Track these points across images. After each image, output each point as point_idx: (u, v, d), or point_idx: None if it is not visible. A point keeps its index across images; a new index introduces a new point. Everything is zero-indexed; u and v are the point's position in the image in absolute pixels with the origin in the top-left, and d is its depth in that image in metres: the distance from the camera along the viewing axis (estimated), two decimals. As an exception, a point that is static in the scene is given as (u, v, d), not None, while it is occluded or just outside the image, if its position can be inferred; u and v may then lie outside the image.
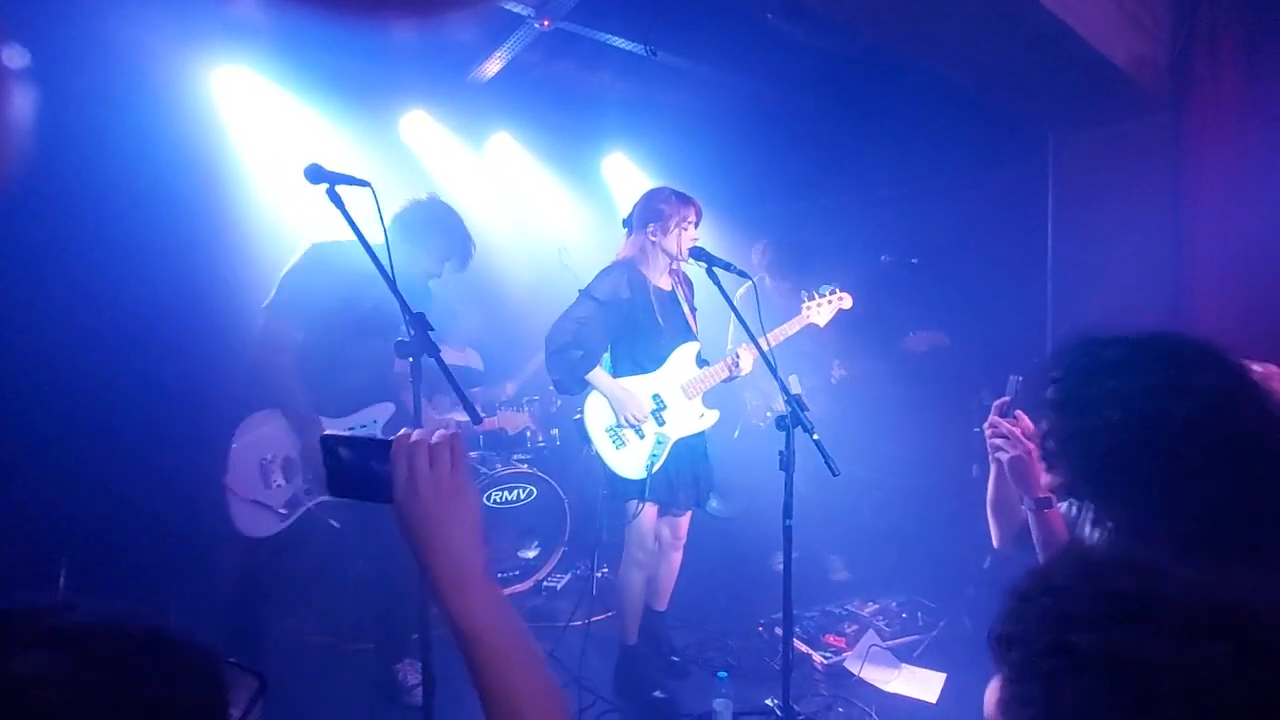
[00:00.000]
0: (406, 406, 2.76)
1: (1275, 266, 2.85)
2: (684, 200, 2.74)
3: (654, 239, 2.73)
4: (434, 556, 0.76)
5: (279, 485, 2.51)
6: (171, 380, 2.99)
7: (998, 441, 1.51)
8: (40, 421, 2.78)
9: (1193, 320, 3.05)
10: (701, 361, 2.86)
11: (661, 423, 2.78)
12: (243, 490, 2.44)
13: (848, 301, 3.00)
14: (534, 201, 4.94)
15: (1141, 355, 1.05)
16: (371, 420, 2.68)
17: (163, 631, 0.58)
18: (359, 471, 0.83)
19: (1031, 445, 1.49)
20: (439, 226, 2.74)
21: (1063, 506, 1.45)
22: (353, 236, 1.83)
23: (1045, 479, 1.24)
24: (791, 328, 2.93)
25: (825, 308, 2.97)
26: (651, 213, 2.75)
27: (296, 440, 2.52)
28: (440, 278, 2.81)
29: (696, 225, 2.75)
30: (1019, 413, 1.51)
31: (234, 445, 2.45)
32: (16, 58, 2.64)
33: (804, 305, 2.98)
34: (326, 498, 2.56)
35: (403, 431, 0.80)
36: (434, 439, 0.79)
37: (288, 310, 2.50)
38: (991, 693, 0.65)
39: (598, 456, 2.78)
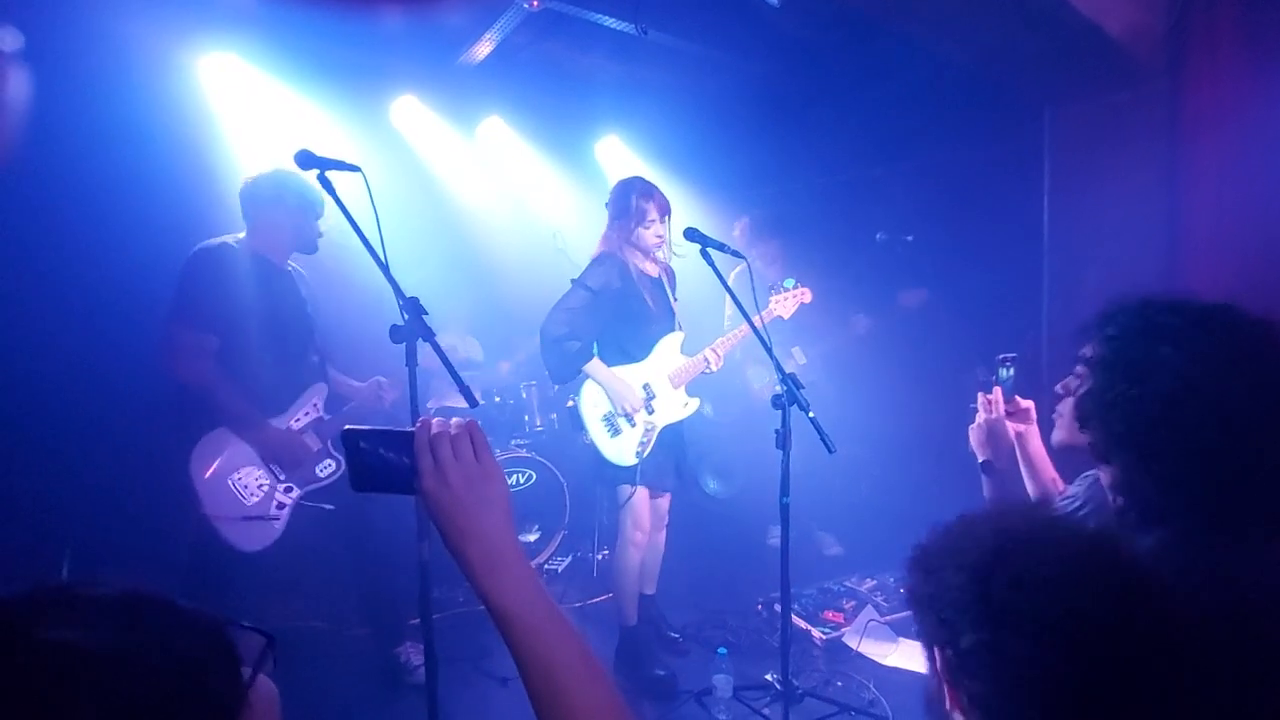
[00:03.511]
0: (335, 382, 2.78)
1: (1271, 237, 2.84)
2: (646, 195, 2.74)
3: (620, 235, 2.77)
4: (467, 541, 0.78)
5: (259, 495, 2.50)
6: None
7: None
8: (39, 412, 2.78)
9: (1187, 291, 3.04)
10: (686, 351, 2.92)
11: (651, 411, 2.83)
12: (227, 512, 2.43)
13: (808, 296, 3.12)
14: (527, 185, 4.91)
15: (1199, 327, 1.02)
16: (311, 404, 2.66)
17: (172, 599, 0.62)
18: (381, 464, 0.84)
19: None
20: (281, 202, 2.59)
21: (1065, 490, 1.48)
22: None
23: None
24: (759, 320, 3.01)
25: (789, 301, 3.09)
26: (617, 208, 2.79)
27: (250, 448, 2.50)
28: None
29: (662, 221, 2.76)
30: (997, 388, 1.64)
31: (193, 475, 2.43)
32: (9, 41, 2.61)
33: (771, 299, 3.09)
34: (311, 487, 2.58)
35: (421, 421, 0.82)
36: (452, 429, 0.81)
37: (198, 318, 2.43)
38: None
39: (592, 445, 2.82)
